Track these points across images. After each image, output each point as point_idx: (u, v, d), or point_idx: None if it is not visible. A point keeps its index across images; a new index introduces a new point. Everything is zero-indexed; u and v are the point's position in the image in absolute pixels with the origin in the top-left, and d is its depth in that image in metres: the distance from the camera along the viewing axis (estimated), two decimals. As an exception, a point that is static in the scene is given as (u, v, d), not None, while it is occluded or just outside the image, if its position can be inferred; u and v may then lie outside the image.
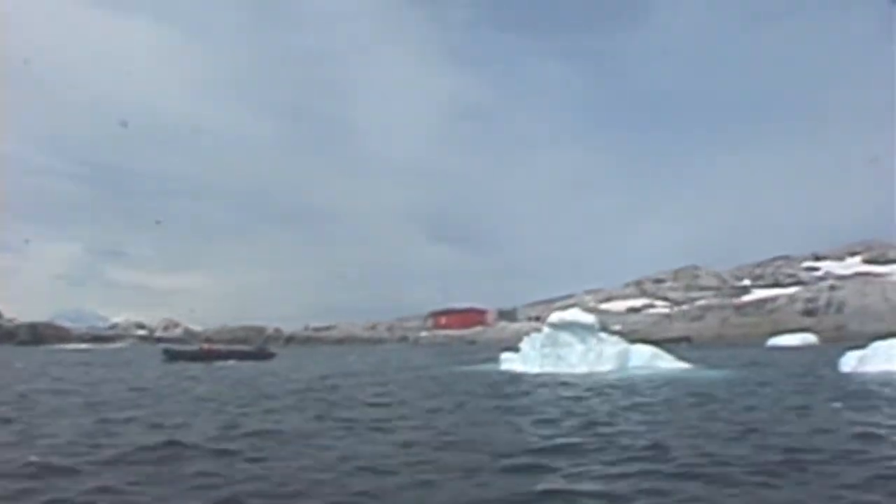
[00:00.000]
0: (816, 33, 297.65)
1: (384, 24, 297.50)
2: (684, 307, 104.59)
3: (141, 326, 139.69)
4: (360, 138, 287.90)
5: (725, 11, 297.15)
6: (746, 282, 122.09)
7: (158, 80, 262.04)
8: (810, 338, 64.98)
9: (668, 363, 30.10)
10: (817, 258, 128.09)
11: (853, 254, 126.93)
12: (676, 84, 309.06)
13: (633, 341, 33.98)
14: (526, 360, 32.20)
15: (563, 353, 30.54)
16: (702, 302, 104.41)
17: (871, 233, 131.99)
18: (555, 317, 32.15)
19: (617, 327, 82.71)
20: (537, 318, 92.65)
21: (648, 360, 30.21)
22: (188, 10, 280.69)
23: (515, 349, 34.23)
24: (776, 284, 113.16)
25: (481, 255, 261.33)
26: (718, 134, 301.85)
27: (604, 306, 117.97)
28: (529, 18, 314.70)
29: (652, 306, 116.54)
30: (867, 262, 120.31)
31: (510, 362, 33.32)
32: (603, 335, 31.65)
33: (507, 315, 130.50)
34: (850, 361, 27.21)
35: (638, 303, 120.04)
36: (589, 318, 31.35)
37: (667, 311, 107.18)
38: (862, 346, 27.65)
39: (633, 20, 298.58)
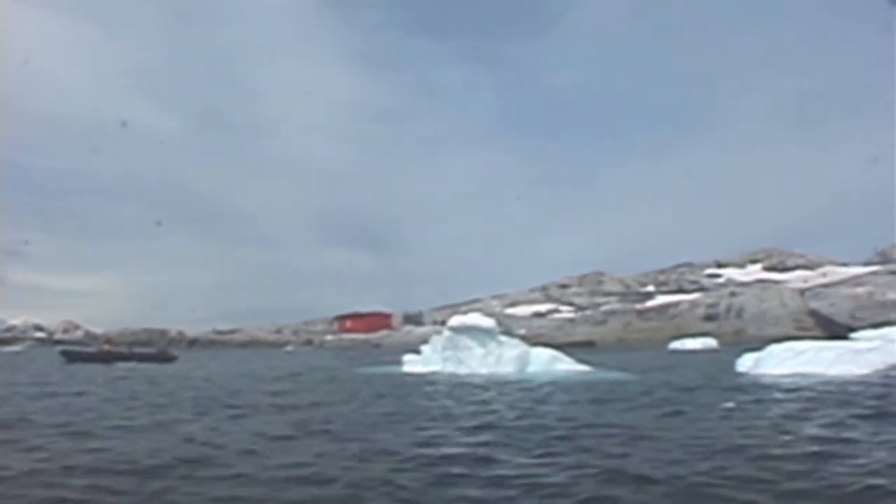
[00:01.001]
0: (714, 45, 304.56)
1: (295, 25, 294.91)
2: (589, 312, 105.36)
3: (39, 328, 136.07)
4: (270, 139, 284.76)
5: (633, 22, 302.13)
6: (650, 288, 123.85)
7: (69, 75, 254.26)
8: (710, 341, 65.71)
9: (566, 366, 30.36)
10: (719, 265, 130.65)
11: (754, 261, 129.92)
12: (585, 92, 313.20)
13: (538, 345, 34.32)
14: (427, 362, 32.85)
15: (463, 356, 31.13)
16: (606, 307, 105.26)
17: (772, 241, 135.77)
18: (455, 321, 32.42)
19: (522, 331, 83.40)
20: (443, 323, 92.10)
21: (547, 363, 30.52)
22: (103, 4, 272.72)
23: (418, 352, 34.80)
24: (679, 290, 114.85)
25: (388, 259, 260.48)
26: (626, 142, 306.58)
27: (510, 311, 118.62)
28: (440, 23, 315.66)
29: (557, 311, 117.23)
30: (767, 269, 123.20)
31: (412, 364, 33.84)
32: (503, 338, 31.83)
33: (413, 319, 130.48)
34: (746, 363, 27.91)
35: (543, 308, 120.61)
36: (488, 323, 31.71)
37: (572, 315, 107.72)
38: (759, 349, 28.27)
39: (542, 28, 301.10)
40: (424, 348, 34.40)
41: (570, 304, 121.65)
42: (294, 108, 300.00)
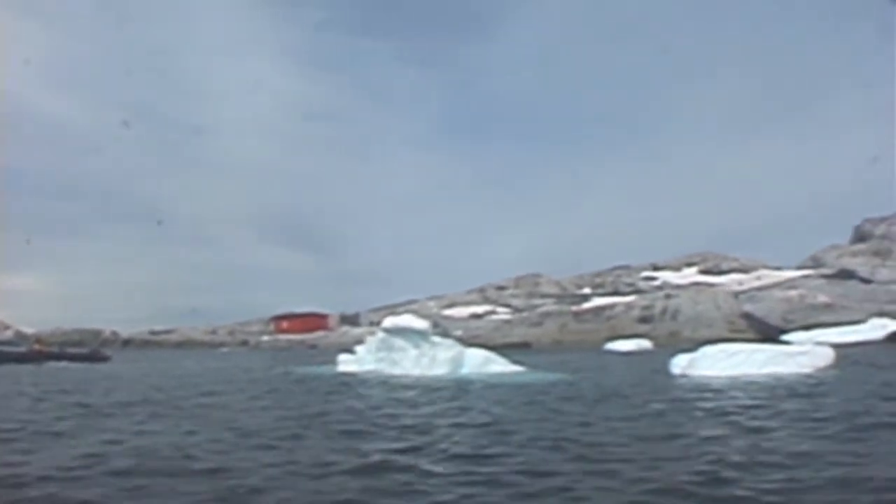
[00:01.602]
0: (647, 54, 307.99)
1: (234, 21, 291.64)
2: (525, 314, 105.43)
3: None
4: (207, 137, 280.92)
5: (575, 26, 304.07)
6: (587, 290, 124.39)
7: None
8: (645, 343, 66.01)
9: (500, 367, 30.39)
10: (655, 268, 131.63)
11: (689, 265, 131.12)
12: (526, 95, 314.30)
13: (475, 346, 34.41)
14: (362, 362, 33.03)
15: (396, 357, 31.32)
16: (542, 309, 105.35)
17: (708, 245, 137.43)
18: (388, 322, 32.67)
19: (459, 332, 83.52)
20: (379, 324, 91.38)
21: (481, 363, 30.50)
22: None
23: (353, 352, 34.99)
24: (615, 293, 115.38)
25: (327, 260, 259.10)
26: (565, 145, 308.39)
27: (447, 312, 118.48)
28: (384, 23, 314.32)
29: (494, 312, 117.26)
30: (702, 272, 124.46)
31: (346, 364, 34.01)
32: (436, 340, 31.85)
33: (350, 320, 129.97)
34: (680, 363, 27.87)
35: (480, 309, 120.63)
36: (422, 324, 31.82)
37: (508, 317, 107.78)
38: (693, 350, 28.34)
39: (485, 31, 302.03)
40: (359, 349, 34.50)
41: (507, 305, 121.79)
42: (232, 105, 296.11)
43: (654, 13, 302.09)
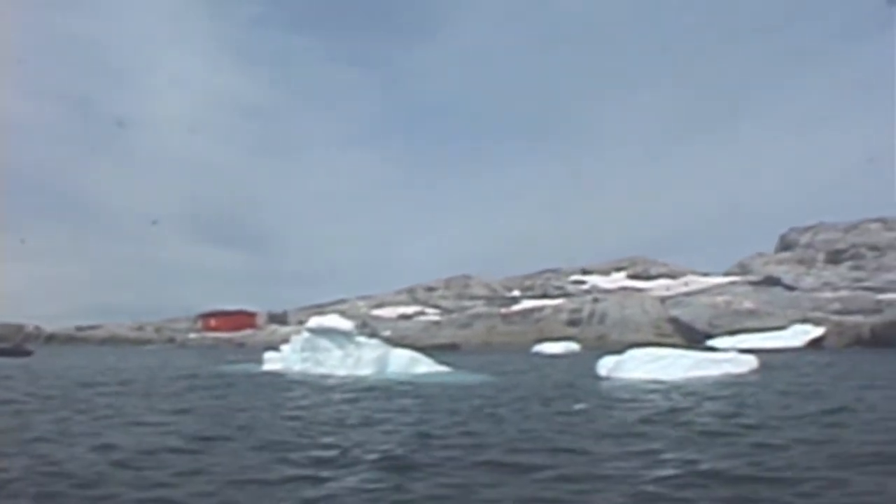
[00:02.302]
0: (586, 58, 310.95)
1: (167, 14, 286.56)
2: (454, 315, 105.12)
3: None
4: (136, 131, 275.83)
5: (513, 33, 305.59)
6: (516, 292, 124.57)
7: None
8: (573, 346, 66.21)
9: (426, 367, 30.50)
10: (585, 272, 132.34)
11: (618, 269, 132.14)
12: (460, 96, 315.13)
13: (403, 347, 34.66)
14: (287, 361, 32.81)
15: (321, 357, 31.20)
16: (472, 310, 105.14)
17: (638, 251, 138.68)
18: (313, 322, 32.50)
19: (387, 333, 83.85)
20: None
21: (406, 364, 30.59)
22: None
23: (280, 351, 34.81)
24: (545, 296, 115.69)
25: (256, 257, 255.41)
26: (498, 148, 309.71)
27: (376, 312, 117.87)
28: (318, 21, 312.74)
29: (423, 313, 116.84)
30: (631, 277, 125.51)
31: (271, 363, 33.89)
32: (361, 340, 31.88)
33: (278, 318, 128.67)
34: (606, 365, 28.19)
35: (409, 310, 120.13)
36: (346, 325, 31.80)
37: (437, 318, 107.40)
38: (620, 353, 28.68)
39: (422, 32, 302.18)
40: (284, 348, 34.31)
41: (437, 306, 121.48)
42: (163, 99, 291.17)
43: (587, 23, 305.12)
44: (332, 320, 32.12)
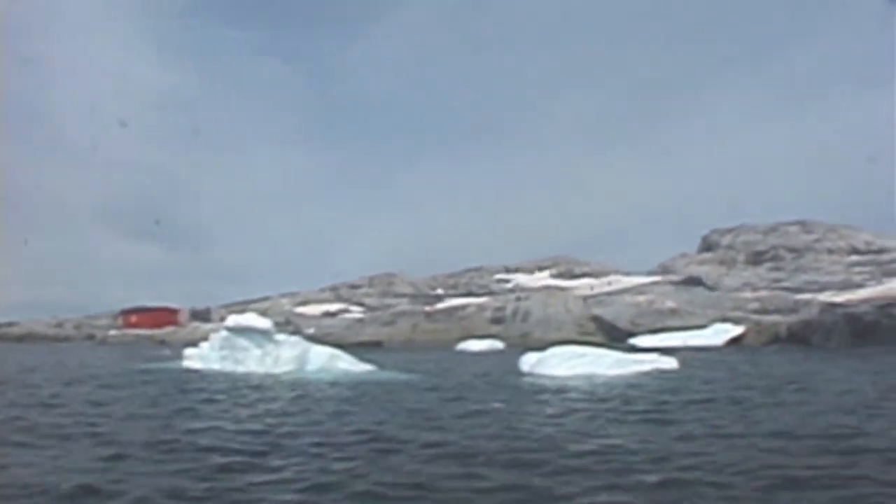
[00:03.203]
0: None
1: (92, 5, 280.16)
2: (378, 313, 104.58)
3: None
4: (56, 122, 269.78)
5: (449, 34, 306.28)
6: (440, 290, 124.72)
7: None
8: (497, 344, 66.15)
9: (345, 365, 30.23)
10: (509, 271, 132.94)
11: (542, 268, 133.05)
12: (389, 95, 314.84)
13: (326, 344, 34.50)
14: (206, 360, 32.31)
15: (240, 356, 30.83)
16: (396, 308, 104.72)
17: (563, 251, 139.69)
18: (231, 321, 32.23)
19: (311, 330, 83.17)
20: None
21: (326, 362, 30.24)
22: None
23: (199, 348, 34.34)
24: (469, 294, 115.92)
25: (179, 253, 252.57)
26: (426, 149, 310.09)
27: (300, 309, 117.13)
28: (250, 14, 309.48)
29: (348, 311, 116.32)
30: (555, 276, 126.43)
31: (191, 361, 33.34)
32: (280, 338, 31.61)
33: (201, 315, 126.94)
34: (529, 361, 28.65)
35: (334, 307, 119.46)
36: (264, 323, 31.46)
37: (361, 316, 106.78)
38: (543, 351, 29.13)
39: (355, 30, 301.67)
40: (203, 345, 33.76)
41: (361, 304, 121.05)
42: (85, 89, 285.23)
43: (519, 26, 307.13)
44: (250, 319, 31.72)
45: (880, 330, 47.56)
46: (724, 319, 70.69)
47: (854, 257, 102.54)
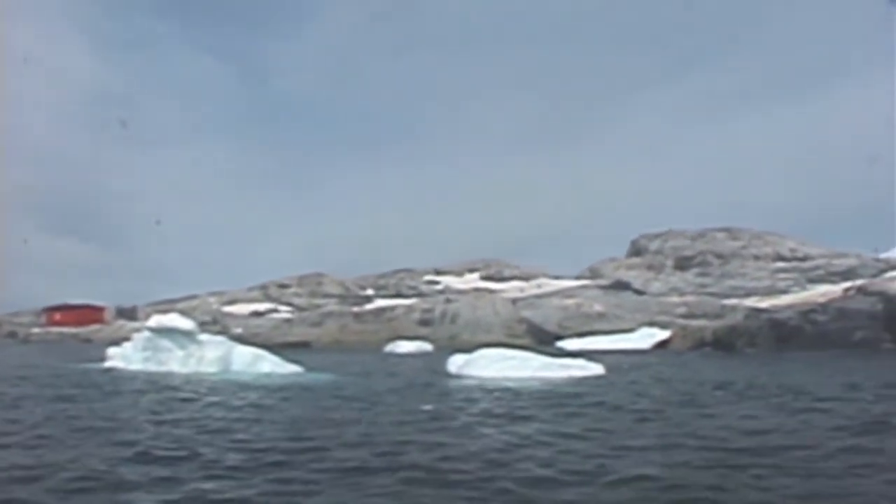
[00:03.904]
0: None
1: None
2: (307, 313, 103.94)
3: None
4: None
5: (381, 35, 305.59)
6: (370, 291, 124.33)
7: None
8: (425, 345, 66.03)
9: (270, 366, 29.98)
10: (438, 273, 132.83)
11: (472, 270, 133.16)
12: (321, 95, 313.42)
13: (254, 344, 34.42)
14: (129, 360, 31.83)
15: (163, 356, 30.57)
16: (324, 309, 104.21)
17: (493, 253, 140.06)
18: (153, 321, 31.81)
19: (239, 330, 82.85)
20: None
21: (250, 363, 30.03)
22: None
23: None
24: (398, 295, 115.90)
25: (106, 250, 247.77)
26: (356, 148, 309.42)
27: (227, 309, 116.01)
28: (183, 9, 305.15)
29: (276, 311, 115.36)
30: (484, 278, 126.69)
31: (114, 361, 32.84)
32: (204, 338, 31.30)
33: (127, 313, 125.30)
34: (456, 362, 28.90)
35: (262, 307, 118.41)
36: (187, 324, 31.08)
37: (289, 316, 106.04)
38: (471, 353, 29.41)
39: (290, 27, 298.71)
40: (126, 345, 33.23)
41: (290, 304, 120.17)
42: (9, 78, 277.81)
43: (449, 28, 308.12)
44: (173, 319, 31.31)
45: (803, 335, 48.50)
46: (651, 324, 71.68)
47: (779, 264, 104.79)
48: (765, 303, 75.07)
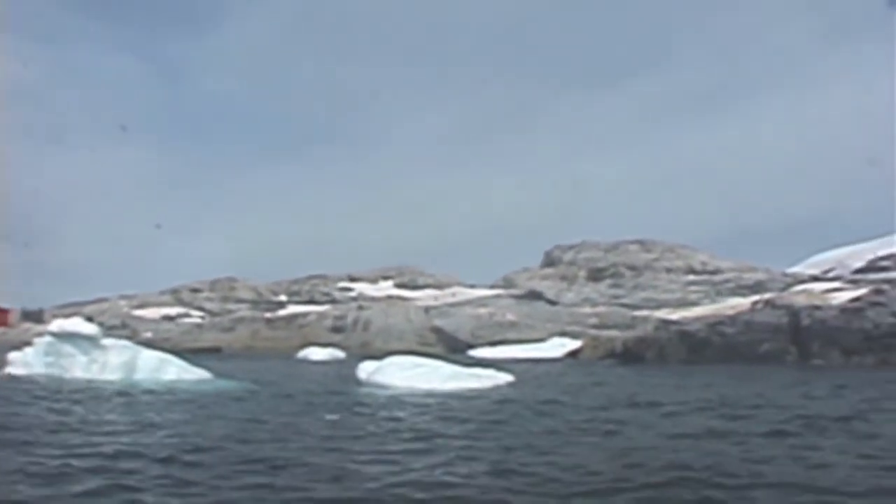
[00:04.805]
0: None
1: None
2: (218, 318, 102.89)
3: None
4: None
5: (302, 33, 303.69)
6: (283, 297, 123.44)
7: None
8: (337, 352, 65.84)
9: (176, 372, 29.46)
10: (352, 279, 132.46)
11: (386, 278, 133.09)
12: (240, 97, 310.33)
13: (164, 349, 33.91)
14: (30, 365, 30.56)
15: (66, 362, 29.76)
16: (236, 314, 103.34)
17: (407, 261, 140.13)
18: (55, 326, 31.26)
19: (148, 334, 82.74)
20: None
21: (155, 368, 29.42)
22: None
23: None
24: (311, 301, 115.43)
25: (13, 250, 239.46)
26: (271, 151, 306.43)
27: (138, 312, 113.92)
28: (97, 3, 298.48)
29: (188, 315, 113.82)
30: (398, 286, 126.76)
31: (14, 366, 31.19)
32: (107, 342, 30.52)
33: (33, 316, 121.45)
34: (367, 369, 28.84)
35: (173, 311, 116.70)
36: (90, 329, 30.40)
37: (201, 321, 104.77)
38: (382, 360, 29.36)
39: (208, 25, 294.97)
40: (28, 350, 31.81)
41: (201, 308, 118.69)
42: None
43: (375, 28, 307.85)
44: (76, 324, 30.69)
45: (711, 347, 49.55)
46: (563, 333, 72.62)
47: (690, 276, 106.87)
48: (675, 314, 76.42)
